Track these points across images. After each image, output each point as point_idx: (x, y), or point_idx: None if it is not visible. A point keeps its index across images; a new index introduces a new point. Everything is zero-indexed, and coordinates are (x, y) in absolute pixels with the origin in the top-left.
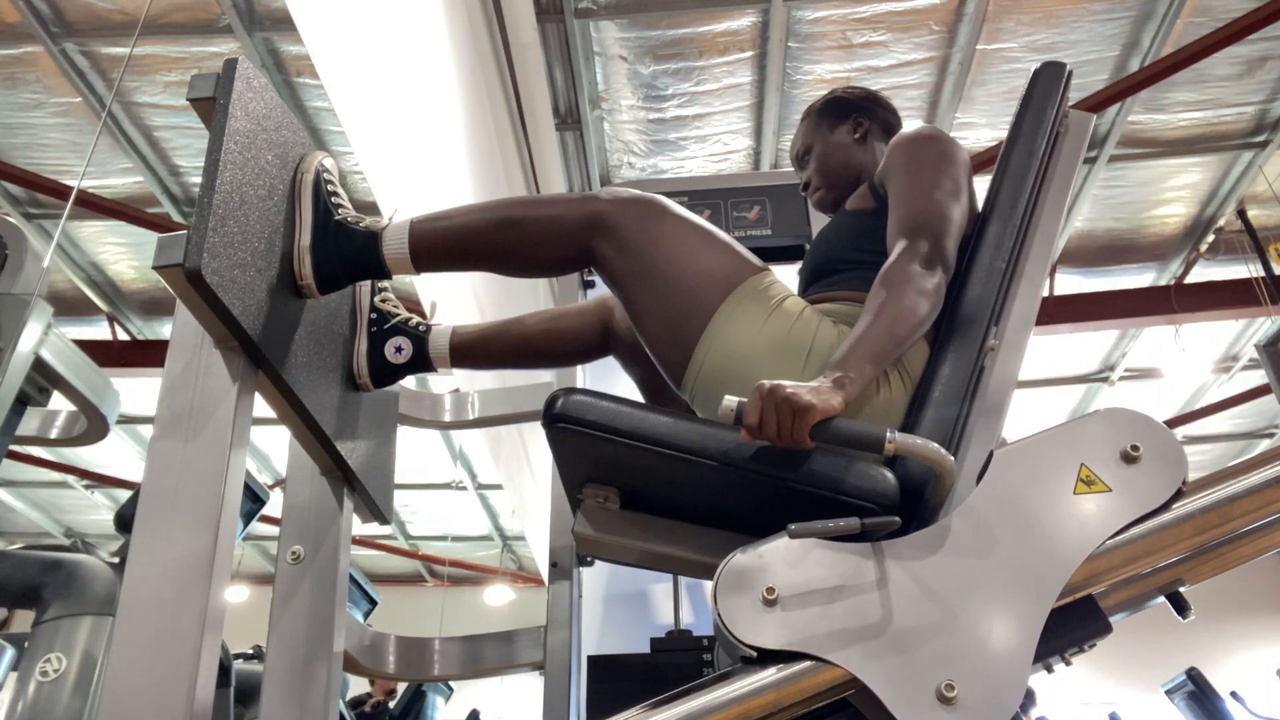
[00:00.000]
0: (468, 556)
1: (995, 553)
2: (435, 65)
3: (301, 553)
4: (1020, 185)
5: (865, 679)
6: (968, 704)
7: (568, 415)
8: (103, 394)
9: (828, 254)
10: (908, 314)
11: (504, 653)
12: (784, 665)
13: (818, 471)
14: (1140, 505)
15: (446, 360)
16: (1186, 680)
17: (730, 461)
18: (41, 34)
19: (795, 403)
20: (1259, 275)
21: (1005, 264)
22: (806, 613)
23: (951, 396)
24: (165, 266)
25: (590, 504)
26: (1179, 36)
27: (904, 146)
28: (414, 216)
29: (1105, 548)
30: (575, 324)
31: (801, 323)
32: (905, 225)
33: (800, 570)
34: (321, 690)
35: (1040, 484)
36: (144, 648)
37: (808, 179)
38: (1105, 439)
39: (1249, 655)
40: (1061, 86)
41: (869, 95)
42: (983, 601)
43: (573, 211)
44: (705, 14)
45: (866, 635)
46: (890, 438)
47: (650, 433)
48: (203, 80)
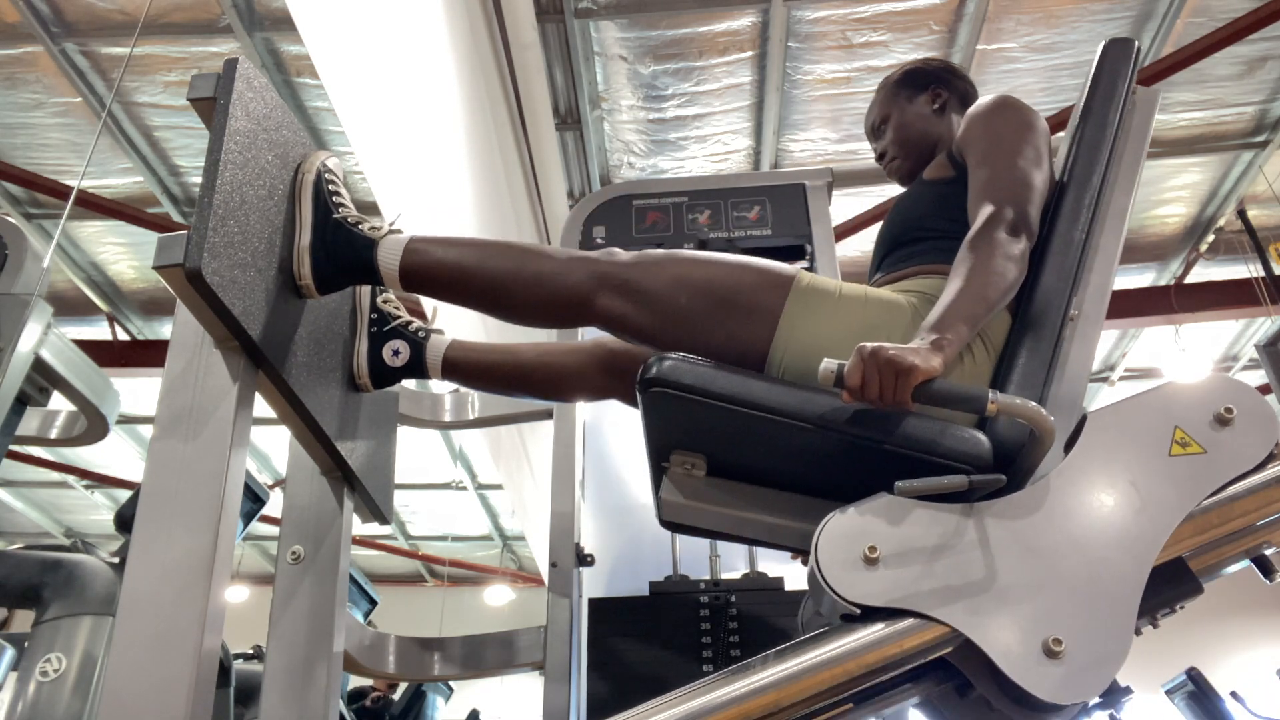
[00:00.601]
0: (468, 556)
1: (1095, 513)
2: (435, 65)
3: (301, 553)
4: (1094, 158)
5: (972, 635)
6: (1075, 658)
7: (664, 378)
8: (103, 394)
9: (908, 222)
10: (997, 279)
11: (504, 653)
12: (889, 621)
13: (914, 434)
14: (1235, 467)
15: (439, 371)
16: (1186, 680)
17: (827, 424)
18: (41, 34)
19: (899, 364)
20: (1259, 275)
21: (1083, 235)
22: (909, 571)
23: (1036, 365)
24: (165, 266)
25: (677, 471)
26: (1179, 36)
27: (983, 115)
28: (414, 234)
29: (1202, 508)
30: (572, 363)
31: (872, 304)
32: (989, 192)
33: (901, 529)
34: (321, 690)
35: (1135, 446)
36: (144, 648)
37: (884, 149)
38: (1199, 402)
39: (1249, 655)
40: (1131, 62)
41: (947, 66)
42: (1084, 560)
43: (573, 271)
44: (705, 14)
45: (970, 592)
46: (993, 398)
47: (748, 396)
48: (203, 80)
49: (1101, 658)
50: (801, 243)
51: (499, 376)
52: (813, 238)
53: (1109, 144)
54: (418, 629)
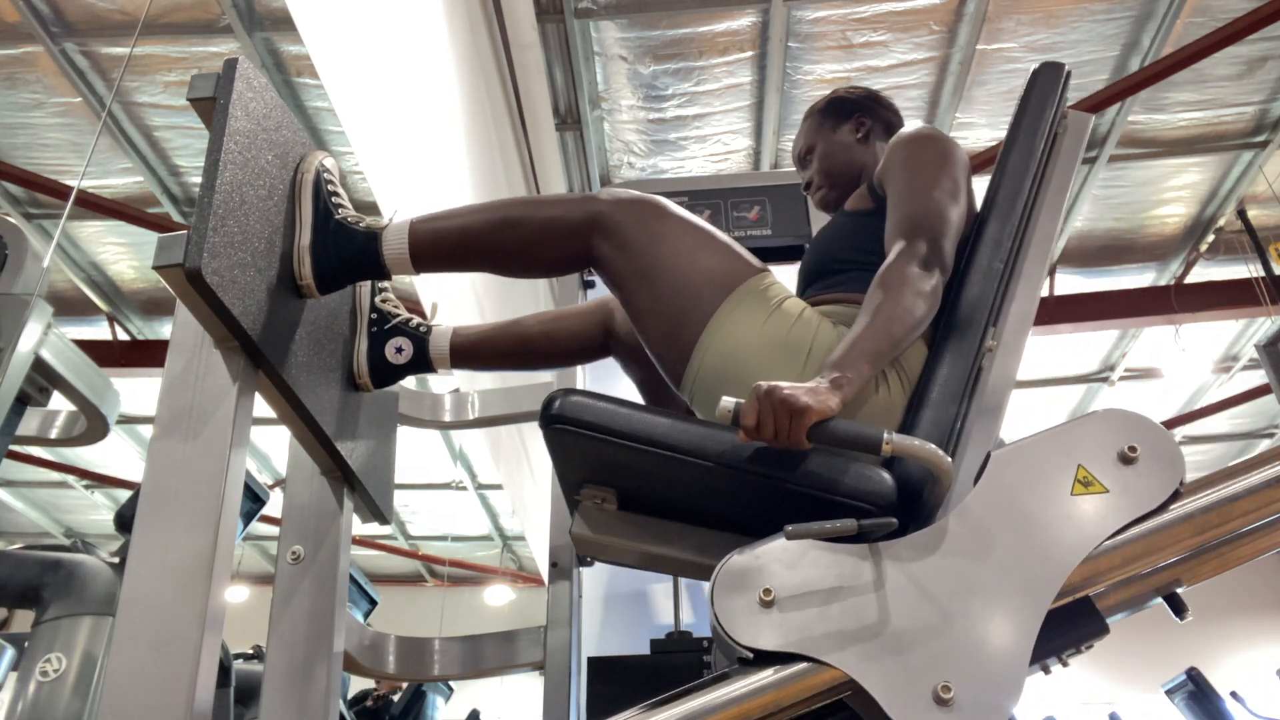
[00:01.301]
0: (468, 556)
1: (992, 554)
2: (435, 65)
3: (301, 553)
4: (1018, 185)
5: (862, 680)
6: (964, 706)
7: (565, 416)
8: (103, 394)
9: (826, 254)
10: (905, 315)
11: (504, 653)
12: (781, 666)
13: (815, 472)
14: (1138, 506)
15: (447, 361)
16: (1186, 680)
17: (727, 463)
18: (41, 34)
19: (792, 404)
20: (1259, 275)
21: (1003, 264)
22: (803, 614)
23: (949, 397)
24: (165, 266)
25: (588, 505)
26: (1179, 36)
27: (903, 146)
28: (414, 217)
29: (1103, 548)
30: (575, 325)
31: (801, 323)
32: (903, 226)
33: (797, 571)
34: (321, 690)
35: (1038, 485)
36: (144, 648)
37: (810, 178)
38: (1102, 440)
39: (1249, 655)
40: (1060, 87)
41: (871, 95)
42: (980, 603)
43: (572, 212)
44: (705, 14)
45: (863, 637)
46: (887, 439)
47: (647, 434)
48: (203, 80)
49: (990, 706)
50: (801, 243)
51: (507, 351)
52: (812, 238)
53: (1034, 170)
54: (418, 629)
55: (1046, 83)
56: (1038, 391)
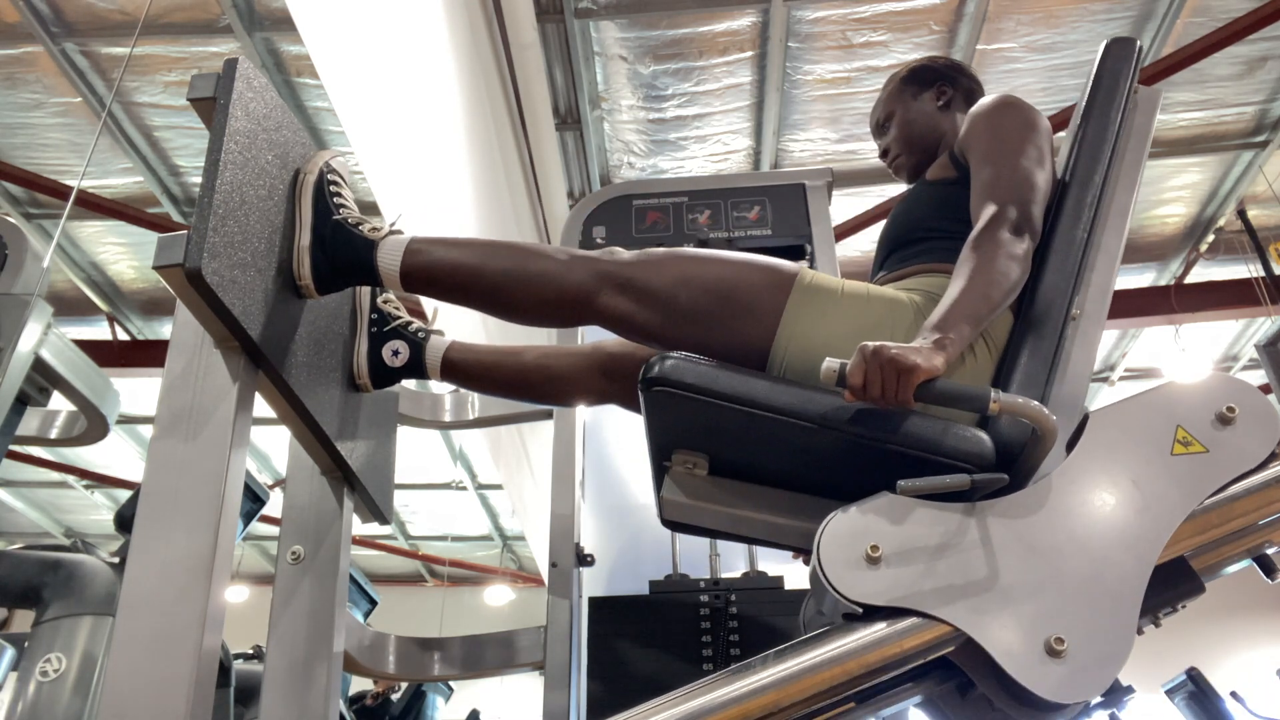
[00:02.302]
0: (468, 556)
1: (1097, 512)
2: (435, 65)
3: (301, 553)
4: (1096, 157)
5: (974, 634)
6: (1077, 657)
7: (667, 378)
8: (103, 394)
9: (909, 223)
10: (1001, 278)
11: (504, 653)
12: (892, 620)
13: (916, 433)
14: (1237, 465)
15: (438, 372)
16: (1186, 680)
17: (829, 423)
18: (41, 34)
19: (901, 363)
20: (1259, 275)
21: (1085, 234)
22: (911, 570)
23: (1038, 364)
24: (165, 266)
25: (679, 470)
26: (1179, 36)
27: (986, 115)
28: (413, 235)
29: (1205, 506)
30: (569, 367)
31: (874, 302)
32: (992, 192)
33: (904, 528)
34: (321, 690)
35: (1138, 445)
36: (144, 648)
37: (887, 146)
38: (1201, 401)
39: (1249, 655)
40: (1133, 61)
41: (954, 65)
42: (1087, 559)
43: (575, 270)
44: (705, 14)
45: (972, 591)
46: (995, 397)
47: (750, 395)
48: (203, 80)
49: (1103, 657)
50: (801, 243)
51: (498, 379)
52: (813, 238)
53: (1111, 143)
54: (418, 629)
55: (1119, 57)
56: None
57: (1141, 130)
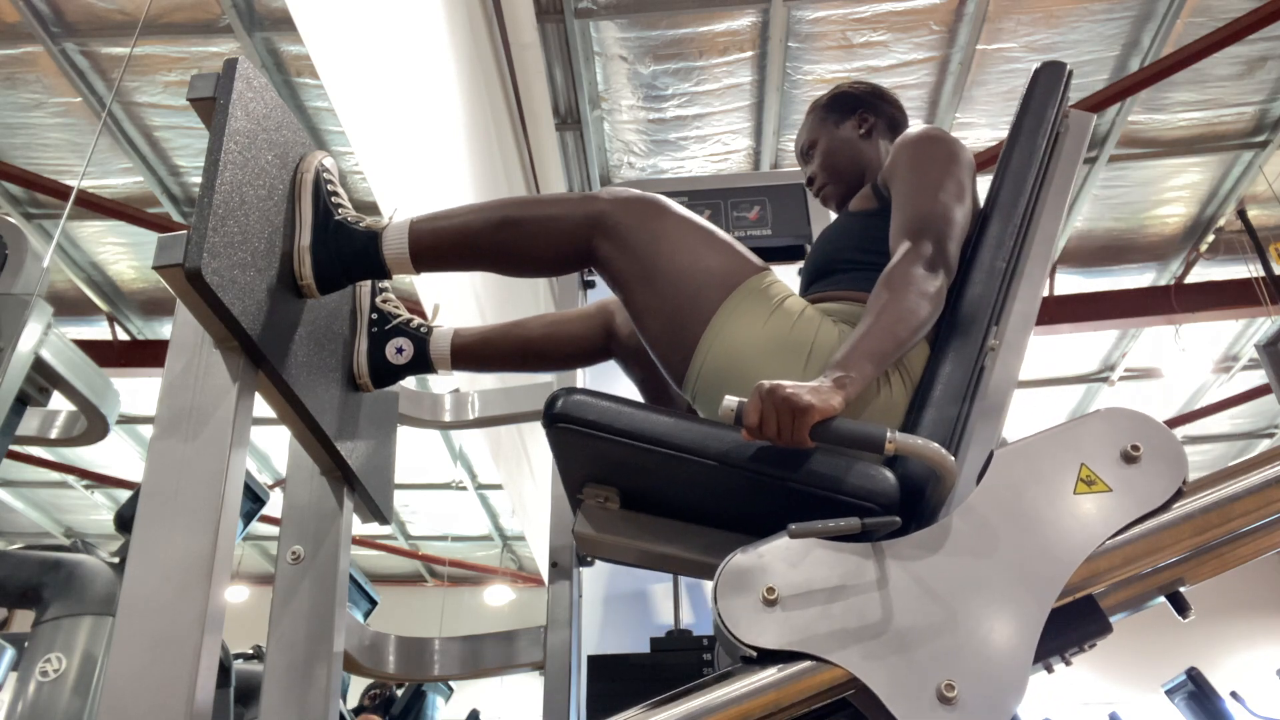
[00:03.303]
0: (468, 556)
1: (996, 552)
2: (435, 65)
3: (301, 553)
4: (1020, 185)
5: (865, 679)
6: (968, 704)
7: (568, 415)
8: (103, 394)
9: (829, 254)
10: (909, 315)
11: (504, 653)
12: (784, 665)
13: (818, 471)
14: (1141, 505)
15: (448, 362)
16: (1186, 680)
17: (730, 461)
18: (41, 34)
19: (795, 403)
20: (1259, 275)
21: (1006, 264)
22: (807, 613)
23: (952, 396)
24: (165, 266)
25: (591, 504)
26: (1179, 36)
27: (908, 147)
28: (414, 216)
29: (1106, 547)
30: (576, 328)
31: (803, 322)
32: (908, 227)
33: (800, 570)
34: (321, 690)
35: (1041, 483)
36: (144, 648)
37: (812, 174)
38: (1106, 438)
39: (1249, 655)
40: (1062, 86)
41: (875, 91)
42: (983, 601)
43: (573, 211)
44: (705, 14)
45: (867, 635)
46: (890, 438)
47: (650, 432)
48: (203, 80)
49: (994, 703)
50: (801, 243)
51: (508, 353)
52: (813, 238)
53: (1036, 170)
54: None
55: (1048, 82)
56: (1038, 391)
57: (1071, 155)
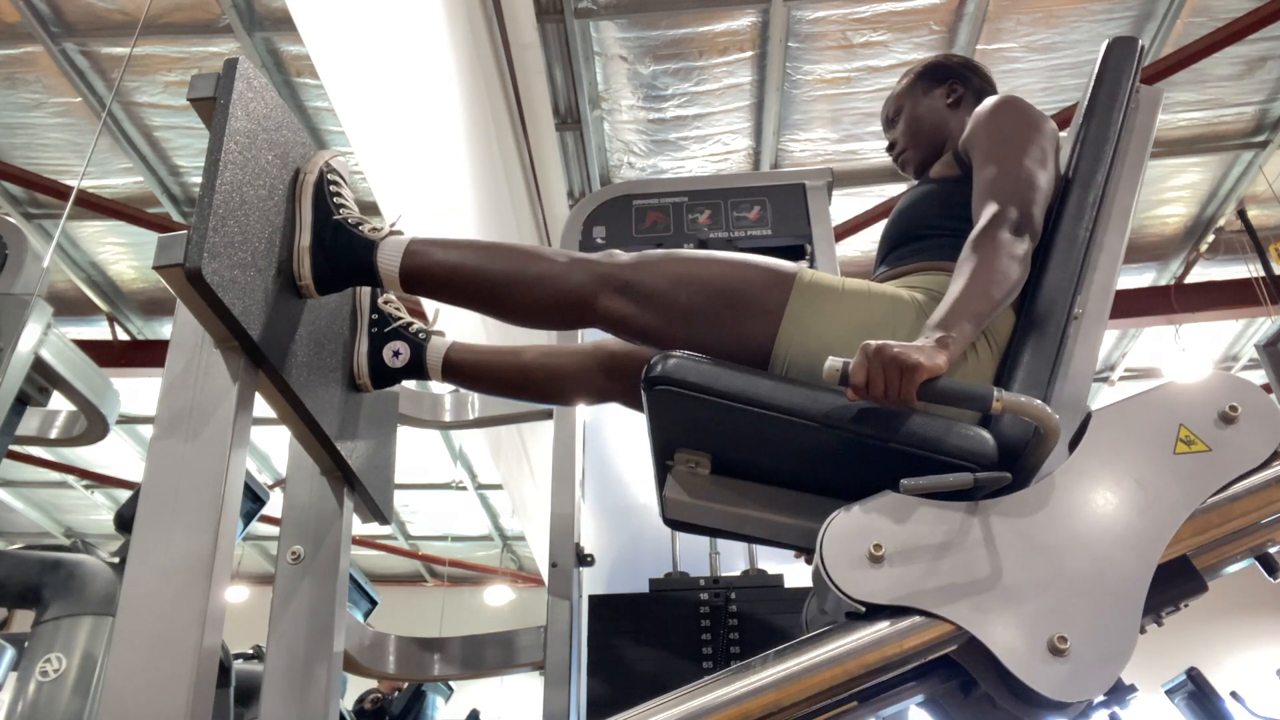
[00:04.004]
0: (468, 556)
1: (1100, 511)
2: (435, 65)
3: (301, 553)
4: (1098, 156)
5: (977, 632)
6: (1081, 656)
7: (669, 377)
8: (103, 394)
9: (911, 220)
10: (1001, 277)
11: (504, 653)
12: (895, 619)
13: (919, 432)
14: (1240, 464)
15: (439, 373)
16: (1186, 680)
17: (832, 422)
18: (41, 34)
19: (903, 361)
20: (1259, 275)
21: (1087, 233)
22: (914, 568)
23: (1041, 363)
24: (165, 266)
25: (681, 469)
26: (1179, 36)
27: (990, 114)
28: (413, 236)
29: (1207, 505)
30: (571, 366)
31: (875, 299)
32: (994, 191)
33: (906, 527)
34: (321, 690)
35: (1141, 444)
36: (144, 648)
37: (894, 139)
38: (1203, 400)
39: (1249, 655)
40: (1135, 60)
41: (968, 63)
42: (1090, 558)
43: (574, 273)
44: (705, 14)
45: (975, 590)
46: (998, 396)
47: (752, 394)
48: (203, 80)
49: (1106, 656)
50: (801, 243)
51: (499, 379)
52: (813, 238)
53: (1113, 142)
54: (418, 629)
55: (1121, 56)
56: None
57: (1143, 129)
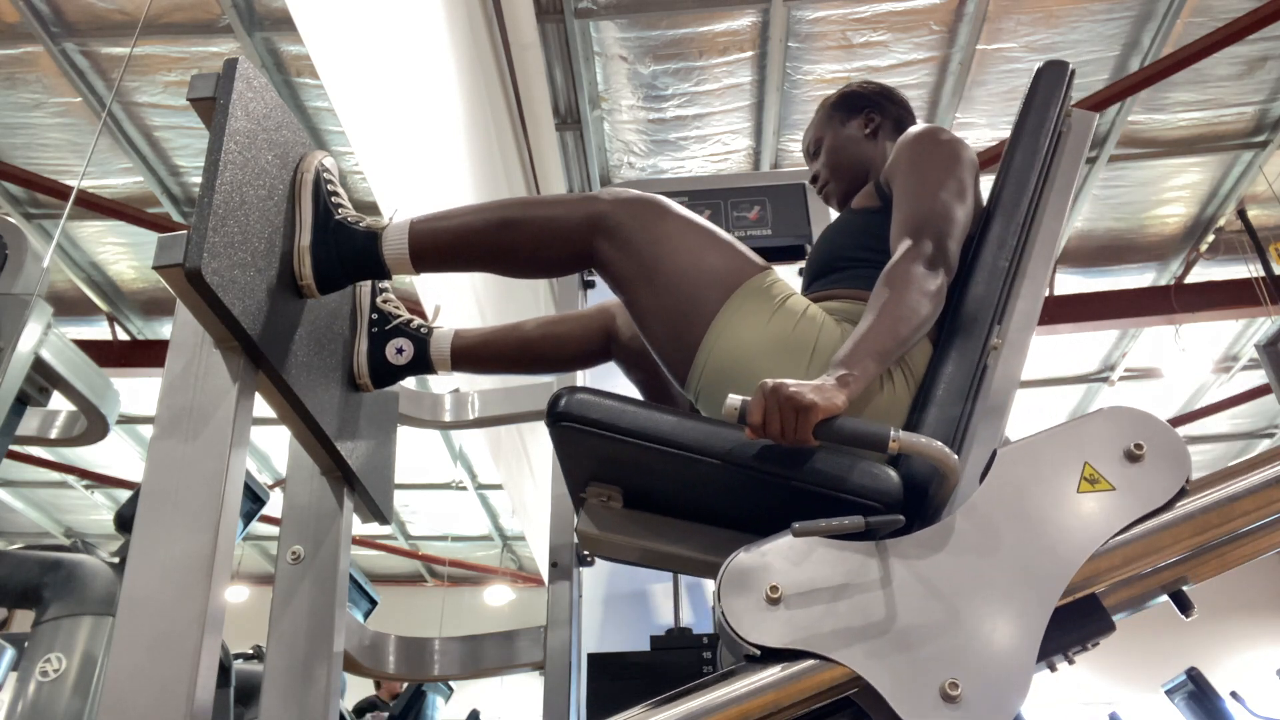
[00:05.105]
0: (468, 556)
1: (999, 551)
2: (435, 65)
3: (301, 553)
4: (1023, 184)
5: (869, 677)
6: (972, 702)
7: (571, 413)
8: (103, 394)
9: (831, 251)
10: (910, 314)
11: (504, 653)
12: (788, 664)
13: (821, 470)
14: (1144, 504)
15: (448, 363)
16: (1186, 680)
17: (734, 460)
18: (41, 34)
19: (798, 401)
20: (1259, 275)
21: (1008, 263)
22: (810, 611)
23: (955, 395)
24: (165, 266)
25: (593, 503)
26: (1179, 36)
27: (910, 145)
28: (414, 217)
29: (1109, 546)
30: (576, 329)
31: (805, 321)
32: (909, 225)
33: (804, 569)
34: (321, 690)
35: (1044, 482)
36: (144, 648)
37: (816, 171)
38: (1109, 437)
39: (1249, 655)
40: (1064, 85)
41: (883, 91)
42: (987, 599)
43: (573, 212)
44: (705, 14)
45: (870, 634)
46: (894, 436)
47: (654, 431)
48: (203, 80)
49: (999, 701)
50: (801, 243)
51: (508, 355)
52: (813, 238)
53: (1039, 169)
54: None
55: (1051, 81)
56: (1038, 391)
57: (1073, 154)
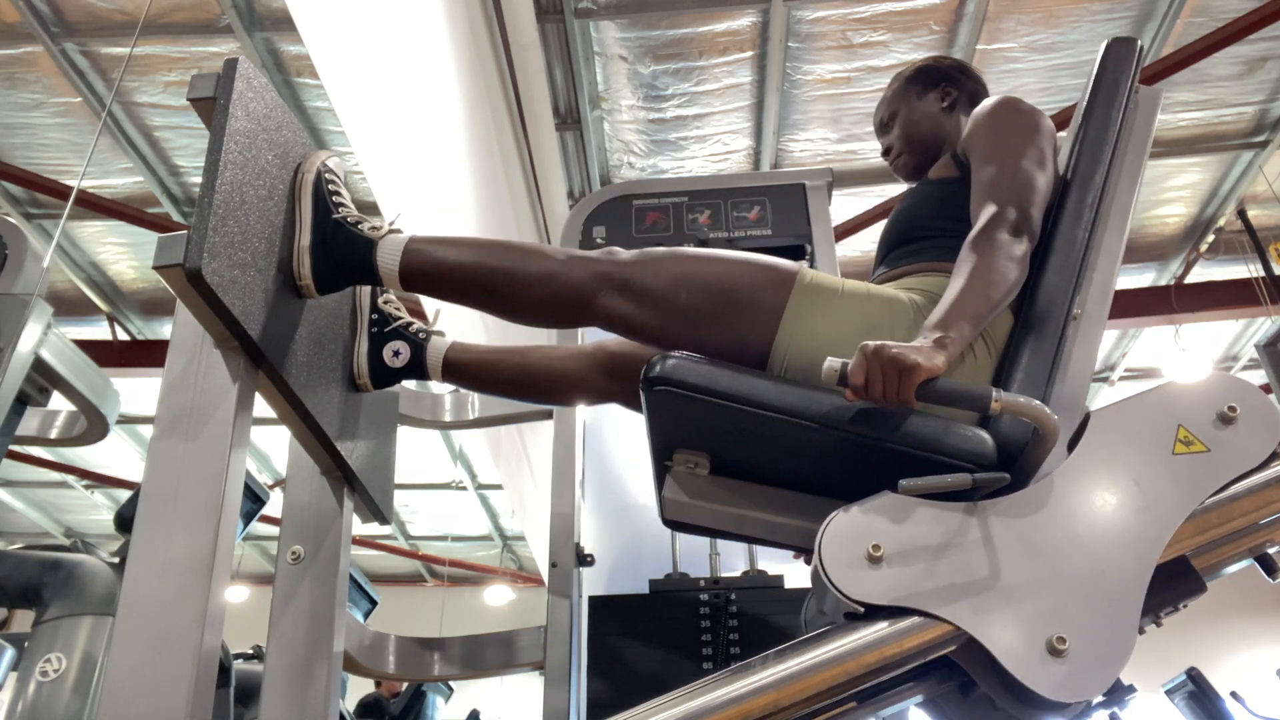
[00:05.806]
0: (468, 556)
1: (1099, 511)
2: (435, 65)
3: (301, 553)
4: (1097, 157)
5: (975, 633)
6: (1079, 656)
7: (669, 377)
8: (103, 394)
9: (910, 222)
10: (999, 278)
11: (504, 653)
12: (893, 620)
13: (918, 432)
14: (1238, 465)
15: (440, 373)
16: (1186, 680)
17: (831, 423)
18: (41, 34)
19: (902, 362)
20: (1259, 275)
21: (1086, 234)
22: (912, 569)
23: (1039, 364)
24: (165, 266)
25: (680, 469)
26: (1179, 36)
27: (989, 115)
28: (413, 234)
29: (1206, 505)
30: (573, 366)
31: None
32: (992, 193)
33: (905, 528)
34: (321, 690)
35: (1139, 445)
36: (144, 648)
37: (890, 144)
38: (1202, 400)
39: (1249, 655)
40: (1133, 61)
41: (959, 65)
42: (1088, 559)
43: (574, 270)
44: (705, 14)
45: (974, 590)
46: (996, 396)
47: (751, 395)
48: (203, 80)
49: (1105, 656)
50: (801, 243)
51: (499, 379)
52: (813, 238)
53: (1111, 143)
54: (418, 629)
55: (1119, 57)
56: None
57: (1142, 130)
